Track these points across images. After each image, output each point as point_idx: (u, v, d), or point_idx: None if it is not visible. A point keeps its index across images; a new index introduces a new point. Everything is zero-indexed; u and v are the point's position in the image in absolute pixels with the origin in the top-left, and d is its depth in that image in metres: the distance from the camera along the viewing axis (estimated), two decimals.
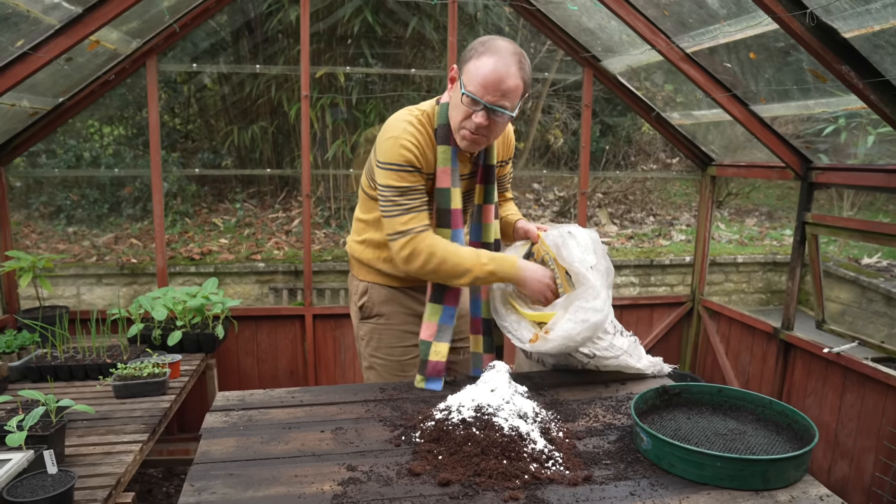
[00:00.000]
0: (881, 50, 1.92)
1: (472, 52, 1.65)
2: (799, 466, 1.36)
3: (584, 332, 1.72)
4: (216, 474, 1.36)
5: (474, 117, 1.65)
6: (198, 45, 6.31)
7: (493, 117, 1.66)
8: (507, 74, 1.61)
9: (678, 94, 3.60)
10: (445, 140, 1.76)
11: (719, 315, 3.71)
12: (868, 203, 8.04)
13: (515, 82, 1.63)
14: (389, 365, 2.03)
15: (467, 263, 1.74)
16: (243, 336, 3.43)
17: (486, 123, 1.66)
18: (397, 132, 1.74)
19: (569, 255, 1.77)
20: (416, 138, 1.74)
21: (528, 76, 1.67)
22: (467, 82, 1.64)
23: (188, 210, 6.51)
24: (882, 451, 2.55)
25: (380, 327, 2.02)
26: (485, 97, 1.62)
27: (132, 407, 2.27)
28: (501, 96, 1.62)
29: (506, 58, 1.61)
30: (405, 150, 1.72)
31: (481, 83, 1.61)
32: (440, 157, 1.77)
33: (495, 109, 1.64)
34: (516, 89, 1.64)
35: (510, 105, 1.65)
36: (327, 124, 6.27)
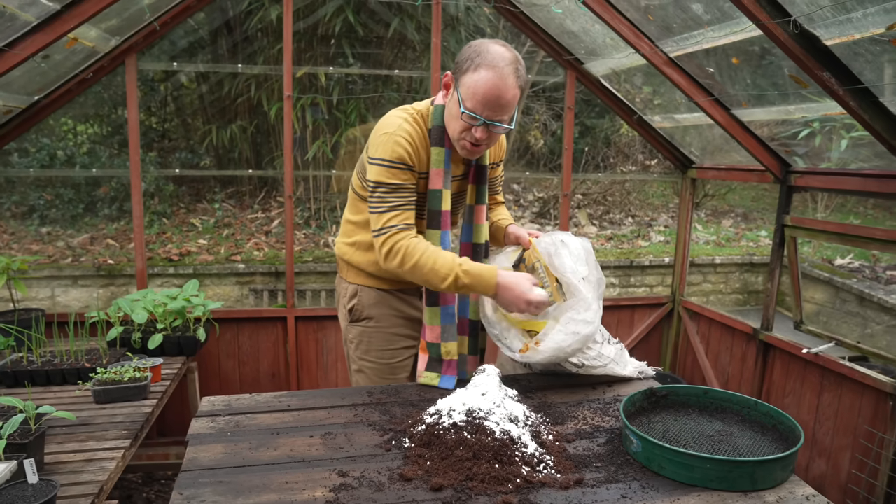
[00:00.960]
0: (860, 58, 1.96)
1: (469, 64, 1.63)
2: (785, 467, 1.38)
3: (575, 343, 1.74)
4: (205, 482, 1.34)
5: (474, 131, 1.67)
6: (176, 44, 6.22)
7: (492, 130, 1.69)
8: (506, 88, 1.61)
9: (656, 96, 3.65)
10: (439, 142, 1.76)
11: (699, 316, 3.76)
12: (839, 205, 8.22)
13: (514, 94, 1.63)
14: (379, 368, 2.02)
15: (443, 272, 1.68)
16: (224, 339, 3.39)
17: (485, 137, 1.69)
18: (392, 128, 1.74)
19: (561, 265, 1.78)
20: (410, 136, 1.74)
21: (525, 80, 1.68)
22: (465, 98, 1.63)
23: (166, 210, 6.41)
24: (858, 449, 2.61)
25: (369, 330, 2.01)
26: (484, 114, 1.64)
27: (113, 412, 2.23)
28: (500, 111, 1.64)
29: (503, 70, 1.60)
30: (399, 147, 1.71)
31: (480, 101, 1.62)
32: (434, 158, 1.77)
33: (495, 124, 1.66)
34: (514, 100, 1.65)
35: (508, 116, 1.67)
36: (307, 124, 6.23)
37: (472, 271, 1.69)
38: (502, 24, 7.15)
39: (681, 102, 3.39)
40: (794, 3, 1.85)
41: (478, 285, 1.70)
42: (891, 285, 5.55)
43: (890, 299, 5.07)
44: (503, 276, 1.70)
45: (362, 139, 6.24)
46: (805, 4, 1.83)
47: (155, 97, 6.89)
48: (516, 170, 7.97)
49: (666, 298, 4.02)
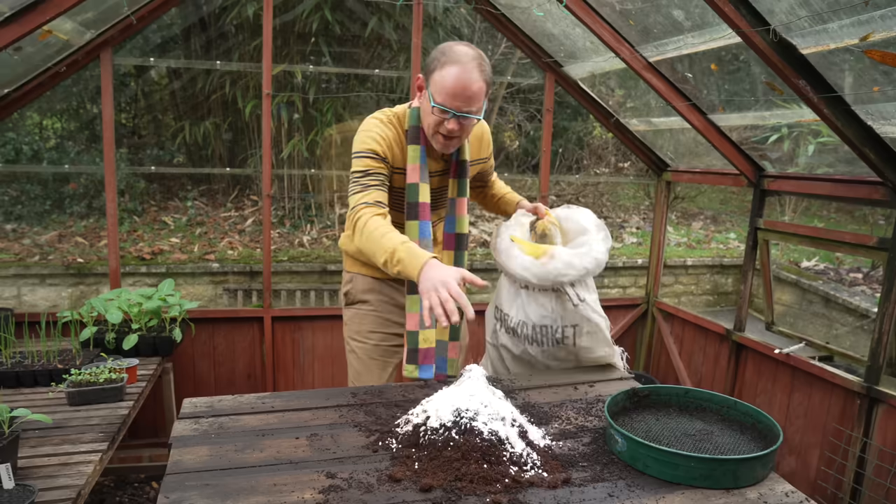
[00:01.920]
0: (835, 67, 2.02)
1: (435, 63, 1.77)
2: (766, 465, 1.42)
3: (588, 262, 1.95)
4: (191, 485, 1.32)
5: (446, 124, 1.79)
6: (149, 40, 6.10)
7: (463, 122, 1.80)
8: (471, 80, 1.74)
9: (629, 100, 3.71)
10: (415, 140, 1.91)
11: (673, 317, 3.83)
12: (804, 209, 8.44)
13: (479, 86, 1.76)
14: (368, 348, 2.14)
15: (384, 249, 1.68)
16: (199, 339, 3.34)
17: (457, 128, 1.80)
18: (367, 127, 1.91)
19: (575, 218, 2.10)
20: (383, 132, 1.89)
21: (489, 75, 1.80)
22: (435, 94, 1.77)
23: (136, 208, 6.29)
24: (826, 446, 2.69)
25: (360, 312, 2.16)
26: (453, 105, 1.75)
27: (88, 414, 2.18)
28: (468, 102, 1.76)
29: (467, 64, 1.74)
30: (371, 141, 1.87)
31: (448, 94, 1.74)
32: (410, 155, 1.91)
33: (465, 116, 1.78)
34: (480, 92, 1.77)
35: (477, 108, 1.79)
36: (283, 123, 6.17)
37: (411, 249, 1.67)
38: (479, 25, 7.19)
39: (654, 106, 3.45)
40: (773, 12, 1.90)
41: (410, 261, 1.64)
42: (854, 287, 5.73)
43: (853, 300, 5.23)
44: (433, 261, 1.65)
45: (339, 139, 6.21)
46: (784, 14, 1.88)
47: (125, 93, 6.75)
48: None
49: (640, 299, 4.08)
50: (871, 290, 5.70)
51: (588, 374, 2.12)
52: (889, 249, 2.38)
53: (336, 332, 3.53)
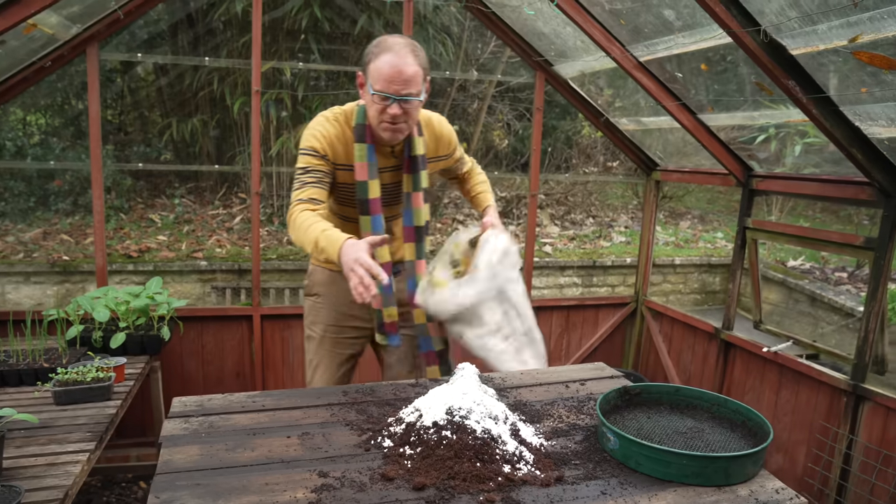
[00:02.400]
0: (824, 68, 2.04)
1: (370, 56, 1.85)
2: (756, 462, 1.43)
3: (451, 307, 1.99)
4: (182, 484, 1.30)
5: (389, 110, 1.83)
6: (136, 35, 6.04)
7: (404, 106, 1.84)
8: (405, 64, 1.80)
9: (617, 99, 3.72)
10: (361, 138, 1.95)
11: (662, 315, 3.85)
12: (790, 209, 8.53)
13: (414, 69, 1.82)
14: (321, 339, 2.22)
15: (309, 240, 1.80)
16: (188, 337, 3.31)
17: (400, 112, 1.84)
18: (311, 124, 1.97)
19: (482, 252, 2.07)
20: (326, 129, 1.94)
21: (425, 62, 1.87)
22: (373, 82, 1.83)
23: (123, 205, 6.22)
24: (813, 443, 2.72)
25: (318, 304, 2.22)
26: (391, 89, 1.80)
27: (75, 414, 2.15)
28: (405, 84, 1.81)
29: (400, 51, 1.81)
30: (313, 138, 1.93)
31: (385, 79, 1.80)
32: (357, 153, 1.95)
33: (404, 99, 1.82)
34: (416, 75, 1.82)
35: (416, 90, 1.84)
36: (271, 120, 6.13)
37: (330, 235, 1.77)
38: (468, 23, 7.18)
39: (643, 106, 3.47)
40: (763, 13, 1.92)
41: (329, 246, 1.74)
42: (840, 286, 5.80)
43: (839, 299, 5.29)
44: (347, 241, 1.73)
45: None
46: (774, 15, 1.90)
47: (111, 89, 6.68)
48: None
49: (629, 298, 4.10)
50: (856, 289, 5.77)
51: (579, 372, 2.12)
52: (875, 249, 2.40)
53: None
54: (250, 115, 3.54)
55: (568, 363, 4.04)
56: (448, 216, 7.35)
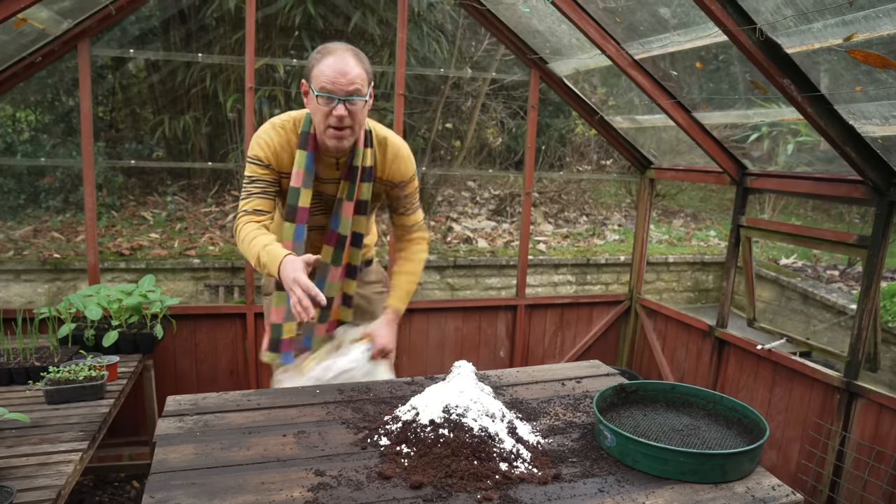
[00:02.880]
0: (818, 66, 2.04)
1: (313, 61, 1.84)
2: (753, 459, 1.43)
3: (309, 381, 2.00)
4: (177, 484, 1.29)
5: (334, 112, 1.81)
6: (127, 31, 5.99)
7: (349, 107, 1.82)
8: (348, 65, 1.80)
9: (611, 97, 3.72)
10: (304, 146, 1.93)
11: (656, 313, 3.86)
12: (783, 207, 8.57)
13: (357, 71, 1.81)
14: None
15: (254, 250, 1.82)
16: (181, 335, 3.29)
17: (346, 114, 1.82)
18: (260, 132, 1.96)
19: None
20: (271, 138, 1.93)
21: (368, 66, 1.86)
22: (316, 85, 1.81)
23: (114, 203, 6.17)
24: (807, 440, 2.73)
25: (267, 300, 2.21)
26: (336, 91, 1.79)
27: (67, 413, 2.14)
28: (349, 84, 1.79)
29: (342, 54, 1.81)
30: (258, 147, 1.93)
31: (329, 80, 1.79)
32: (296, 159, 1.93)
33: (349, 98, 1.81)
34: (360, 77, 1.81)
35: (361, 90, 1.82)
36: (265, 117, 6.10)
37: (271, 251, 1.80)
38: (462, 20, 7.17)
39: (636, 104, 3.47)
40: (759, 11, 1.92)
41: (270, 263, 1.77)
42: (831, 284, 5.83)
43: (831, 297, 5.32)
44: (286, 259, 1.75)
45: None
46: (769, 13, 1.90)
47: (102, 86, 6.63)
48: (472, 167, 8.00)
49: (623, 296, 4.11)
50: (848, 286, 5.81)
51: (575, 370, 2.13)
52: (868, 247, 2.42)
53: None
54: (243, 111, 3.51)
55: (562, 361, 4.05)
56: (441, 213, 7.34)
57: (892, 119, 2.06)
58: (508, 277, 6.13)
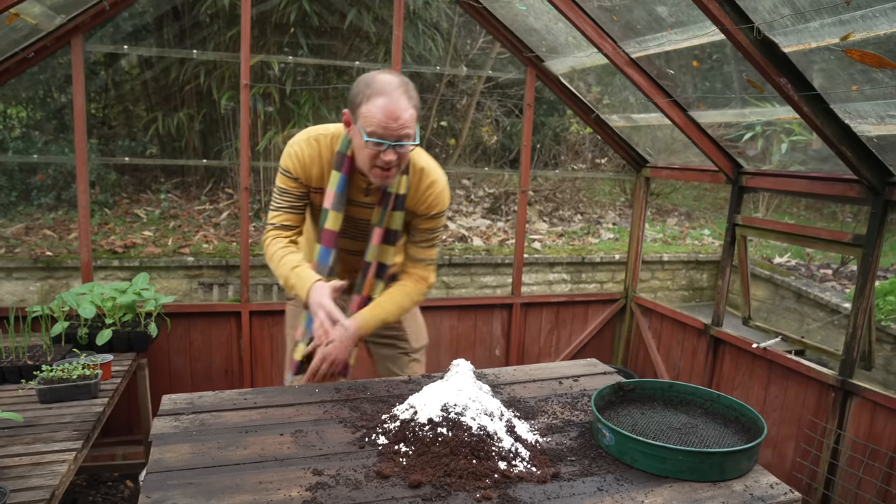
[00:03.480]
0: (815, 66, 2.04)
1: (361, 97, 1.73)
2: (751, 457, 1.43)
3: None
4: (174, 483, 1.28)
5: (383, 156, 1.74)
6: (120, 28, 5.95)
7: (399, 151, 1.76)
8: (400, 109, 1.71)
9: (605, 96, 3.72)
10: (338, 167, 1.88)
11: (651, 312, 3.87)
12: (776, 206, 8.61)
13: (410, 113, 1.73)
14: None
15: (281, 275, 1.88)
16: (175, 334, 3.27)
17: (395, 158, 1.76)
18: (293, 142, 1.92)
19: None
20: (304, 151, 1.89)
21: (417, 101, 1.78)
22: (366, 126, 1.72)
23: (107, 200, 6.14)
24: (802, 438, 2.74)
25: (295, 310, 2.20)
26: (386, 136, 1.71)
27: (61, 412, 2.12)
28: (400, 129, 1.72)
29: (393, 93, 1.71)
30: (289, 159, 1.90)
31: (380, 125, 1.70)
32: (331, 180, 1.89)
33: (400, 144, 1.74)
34: (411, 119, 1.74)
35: (412, 134, 1.75)
36: (259, 115, 6.07)
37: (300, 274, 1.85)
38: (458, 18, 7.16)
39: (631, 103, 3.47)
40: (756, 10, 1.92)
41: (299, 286, 1.83)
42: (825, 283, 5.86)
43: (824, 296, 5.34)
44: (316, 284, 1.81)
45: None
46: (767, 12, 1.90)
47: (95, 82, 6.58)
48: (467, 165, 8.00)
49: (619, 294, 4.11)
50: (841, 285, 5.84)
51: (572, 368, 2.12)
52: (863, 246, 2.43)
53: None
54: (237, 109, 3.49)
55: (558, 359, 4.05)
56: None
57: (888, 118, 2.07)
58: (504, 276, 6.13)
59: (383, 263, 2.00)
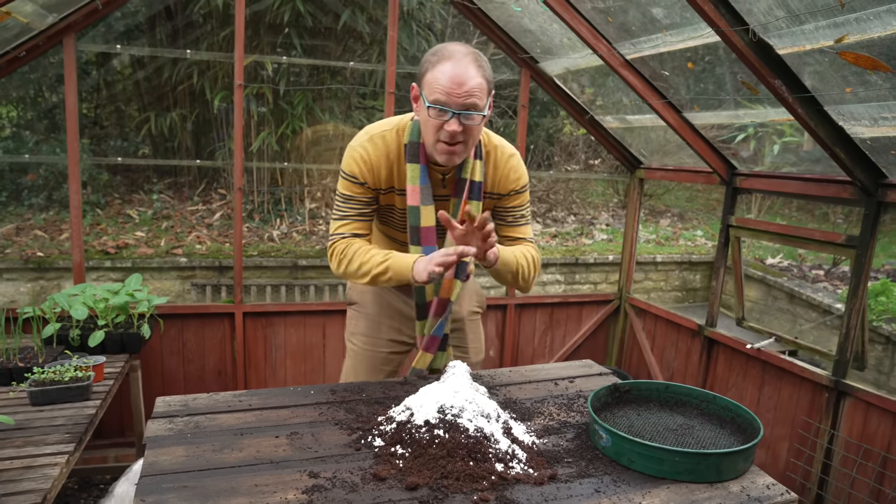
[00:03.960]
0: (809, 68, 2.05)
1: (427, 65, 1.63)
2: (747, 458, 1.43)
3: None
4: (168, 487, 1.27)
5: (447, 126, 1.61)
6: (112, 27, 5.91)
7: (465, 122, 1.62)
8: (468, 75, 1.58)
9: (598, 97, 3.72)
10: (414, 158, 1.74)
11: (645, 312, 3.88)
12: (768, 207, 8.66)
13: (477, 81, 1.60)
14: (358, 351, 2.07)
15: (368, 264, 1.72)
16: (168, 335, 3.25)
17: (460, 129, 1.62)
18: (355, 143, 1.78)
19: None
20: (367, 151, 1.75)
21: (489, 73, 1.65)
22: (429, 94, 1.61)
23: (99, 200, 6.10)
24: (795, 438, 2.75)
25: (356, 313, 2.09)
26: (451, 103, 1.59)
27: (52, 415, 2.10)
28: (467, 97, 1.59)
29: (461, 59, 1.59)
30: (353, 161, 1.76)
31: (444, 90, 1.58)
32: (409, 174, 1.75)
33: (464, 112, 1.60)
34: (480, 88, 1.60)
35: (479, 104, 1.61)
36: (253, 115, 6.05)
37: (398, 257, 1.70)
38: (451, 20, 7.16)
39: (625, 104, 3.48)
40: (751, 12, 1.92)
41: (394, 266, 1.69)
42: (817, 283, 5.89)
43: (816, 297, 5.37)
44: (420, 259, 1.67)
45: (310, 134, 6.13)
46: (762, 14, 1.90)
47: (87, 82, 6.54)
48: None
49: (612, 295, 4.12)
50: (833, 286, 5.87)
51: (568, 369, 2.12)
52: (857, 246, 2.44)
53: (308, 329, 3.48)
54: (230, 109, 3.46)
55: (552, 360, 4.05)
56: None
57: (882, 120, 2.08)
58: None
59: (462, 261, 1.83)
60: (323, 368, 3.56)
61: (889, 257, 6.96)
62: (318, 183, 6.72)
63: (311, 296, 5.35)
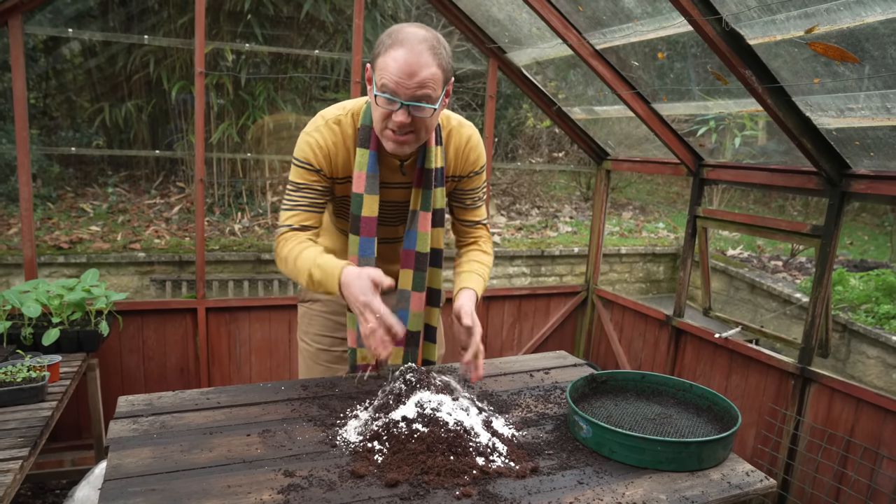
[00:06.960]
0: (779, 58, 2.07)
1: (381, 47, 1.51)
2: (727, 446, 1.44)
3: None
4: (135, 491, 1.20)
5: (394, 116, 1.51)
6: (61, 12, 5.65)
7: (414, 113, 1.51)
8: (420, 64, 1.46)
9: (561, 91, 3.71)
10: (365, 143, 1.64)
11: (612, 304, 3.90)
12: (727, 199, 8.85)
13: (431, 71, 1.48)
14: (313, 352, 1.99)
15: (302, 267, 1.60)
16: (127, 332, 3.13)
17: (408, 121, 1.51)
18: (310, 128, 1.67)
19: None
20: (323, 137, 1.65)
21: (446, 61, 1.52)
22: (378, 79, 1.50)
23: (50, 194, 5.85)
24: (762, 425, 2.80)
25: (310, 312, 1.99)
26: (400, 93, 1.48)
27: (4, 418, 1.98)
28: (418, 88, 1.47)
29: (416, 45, 1.47)
30: (308, 148, 1.65)
31: (394, 79, 1.46)
32: (357, 160, 1.65)
33: (414, 104, 1.49)
34: (434, 78, 1.48)
35: (432, 95, 1.50)
36: (212, 106, 5.88)
37: (323, 265, 1.56)
38: (415, 11, 7.08)
39: (589, 95, 3.48)
40: (723, 2, 1.93)
41: (326, 279, 1.55)
42: (776, 274, 6.05)
43: (776, 286, 5.51)
44: (347, 273, 1.52)
45: (272, 125, 5.99)
46: (734, 4, 1.91)
47: (34, 69, 6.25)
48: None
49: (579, 287, 4.14)
50: (791, 276, 6.03)
51: (542, 361, 2.11)
52: (822, 236, 2.49)
53: (273, 324, 3.40)
54: (190, 99, 3.34)
55: (520, 353, 4.05)
56: None
57: (847, 111, 2.12)
58: None
59: (437, 249, 1.79)
60: (289, 364, 3.48)
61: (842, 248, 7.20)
62: (280, 176, 6.59)
63: (276, 290, 5.24)
